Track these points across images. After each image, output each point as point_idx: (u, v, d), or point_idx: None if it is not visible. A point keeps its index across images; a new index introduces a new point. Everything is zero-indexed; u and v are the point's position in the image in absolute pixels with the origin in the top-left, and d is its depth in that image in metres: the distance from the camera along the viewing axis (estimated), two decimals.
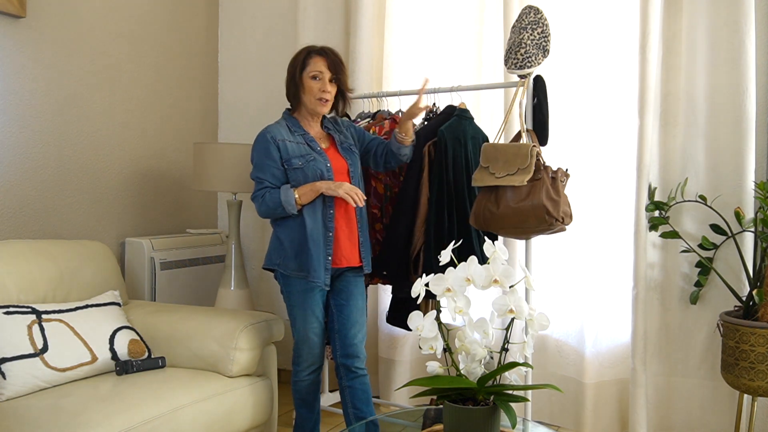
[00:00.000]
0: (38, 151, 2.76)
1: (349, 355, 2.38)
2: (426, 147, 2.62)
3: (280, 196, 2.25)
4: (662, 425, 2.79)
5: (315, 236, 2.28)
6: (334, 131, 2.45)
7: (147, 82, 3.28)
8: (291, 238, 2.31)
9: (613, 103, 2.88)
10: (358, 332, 2.41)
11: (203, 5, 3.66)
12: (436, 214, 2.60)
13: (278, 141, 2.31)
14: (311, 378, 2.44)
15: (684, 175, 2.71)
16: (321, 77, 2.31)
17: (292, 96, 2.39)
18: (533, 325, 1.57)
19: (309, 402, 2.47)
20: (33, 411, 1.86)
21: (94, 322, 2.28)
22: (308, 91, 2.32)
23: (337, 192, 2.24)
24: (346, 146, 2.44)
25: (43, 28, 2.75)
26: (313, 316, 2.35)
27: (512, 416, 1.44)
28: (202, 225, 3.69)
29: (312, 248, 2.27)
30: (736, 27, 2.56)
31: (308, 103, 2.35)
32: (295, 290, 2.34)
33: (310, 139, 2.36)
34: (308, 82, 2.32)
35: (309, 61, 2.33)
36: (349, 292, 2.41)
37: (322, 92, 2.32)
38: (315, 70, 2.31)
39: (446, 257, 1.63)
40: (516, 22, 2.56)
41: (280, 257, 2.34)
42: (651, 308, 2.75)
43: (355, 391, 2.41)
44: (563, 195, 2.40)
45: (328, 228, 2.31)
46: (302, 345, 2.39)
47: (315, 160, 2.31)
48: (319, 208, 2.30)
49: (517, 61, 2.51)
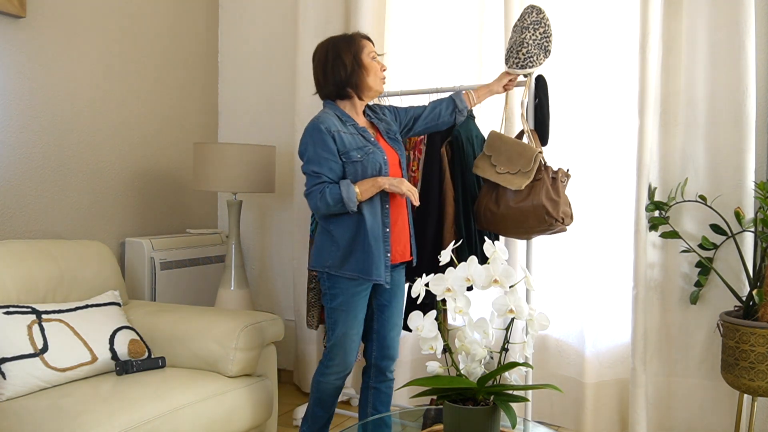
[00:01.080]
0: (38, 151, 2.76)
1: (386, 357, 2.35)
2: (443, 147, 2.62)
3: (341, 192, 2.12)
4: (662, 425, 2.79)
5: (375, 233, 2.19)
6: (376, 120, 2.36)
7: (147, 82, 3.28)
8: (347, 236, 2.20)
9: (613, 103, 2.88)
10: (397, 335, 2.37)
11: (203, 6, 3.66)
12: (464, 214, 2.60)
13: (333, 132, 2.17)
14: (337, 384, 2.34)
15: (684, 175, 2.71)
16: (376, 57, 2.28)
17: (350, 83, 2.25)
18: (533, 325, 1.57)
19: (327, 404, 2.38)
20: (33, 411, 1.86)
21: (94, 322, 2.28)
22: (373, 71, 2.25)
23: (400, 189, 2.15)
24: (392, 135, 2.35)
25: (43, 28, 2.75)
26: (356, 320, 2.26)
27: (512, 416, 1.44)
28: (202, 225, 3.69)
29: (373, 245, 2.17)
30: (736, 27, 2.56)
31: (374, 85, 2.26)
32: (343, 293, 2.23)
33: (362, 130, 2.25)
34: (371, 63, 2.25)
35: (363, 44, 2.26)
36: (392, 293, 2.34)
37: (383, 71, 2.29)
38: (372, 51, 2.27)
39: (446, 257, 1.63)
40: (518, 21, 2.55)
41: (332, 257, 2.22)
42: (651, 308, 2.75)
43: (380, 394, 2.38)
44: (563, 195, 2.40)
45: (385, 224, 2.23)
46: (338, 349, 2.28)
47: (373, 152, 2.21)
48: (378, 203, 2.21)
49: (519, 61, 2.50)
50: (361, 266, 2.19)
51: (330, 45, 2.27)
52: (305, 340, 3.42)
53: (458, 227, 2.60)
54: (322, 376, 2.33)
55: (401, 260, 2.32)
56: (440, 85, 2.77)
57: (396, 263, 2.30)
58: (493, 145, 2.47)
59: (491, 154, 2.45)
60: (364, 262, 2.19)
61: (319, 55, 2.29)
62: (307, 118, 3.35)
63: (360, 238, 2.19)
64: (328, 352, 2.30)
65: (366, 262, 2.19)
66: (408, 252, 2.34)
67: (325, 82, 2.27)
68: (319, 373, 2.34)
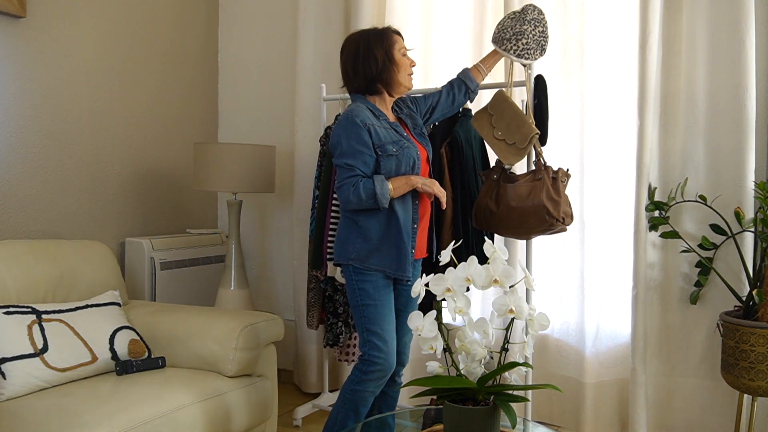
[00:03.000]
0: (38, 151, 2.76)
1: (398, 363, 2.30)
2: (442, 148, 2.62)
3: (375, 187, 2.08)
4: (662, 425, 2.79)
5: (407, 228, 2.17)
6: (403, 115, 2.33)
7: (147, 82, 3.28)
8: (378, 230, 2.15)
9: (613, 104, 2.88)
10: (410, 340, 2.35)
11: (203, 6, 3.66)
12: (462, 215, 2.59)
13: (368, 125, 2.12)
14: (374, 391, 2.19)
15: (684, 175, 2.71)
16: (407, 53, 2.25)
17: (381, 79, 2.21)
18: (533, 325, 1.57)
19: (360, 414, 2.21)
20: (33, 411, 1.86)
21: (94, 322, 2.28)
22: (403, 68, 2.22)
23: (432, 189, 2.15)
24: (419, 131, 2.33)
25: (43, 28, 2.75)
26: (391, 314, 2.18)
27: (512, 416, 1.44)
28: (202, 225, 3.69)
29: (405, 240, 2.15)
30: (736, 27, 2.56)
31: (404, 81, 2.23)
32: (372, 286, 2.15)
33: (394, 125, 2.22)
34: (401, 59, 2.21)
35: (394, 39, 2.22)
36: (408, 296, 2.28)
37: (412, 67, 2.26)
38: (403, 47, 2.24)
39: (446, 257, 1.63)
40: (519, 14, 2.53)
41: (357, 250, 2.16)
42: (651, 308, 2.75)
43: (386, 398, 2.34)
44: (564, 195, 2.40)
45: (414, 220, 2.21)
46: (378, 351, 2.14)
47: (408, 147, 2.18)
48: (410, 200, 2.19)
49: (517, 50, 2.49)
50: (389, 262, 2.16)
51: (362, 38, 2.22)
52: (305, 340, 3.41)
53: (456, 227, 2.60)
54: (359, 384, 2.17)
55: (420, 256, 2.31)
56: (440, 85, 2.77)
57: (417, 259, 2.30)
58: (498, 106, 2.44)
59: (493, 113, 2.43)
60: (394, 257, 2.15)
61: (350, 48, 2.23)
62: (307, 118, 3.36)
63: (391, 234, 2.15)
64: (368, 357, 2.16)
65: (397, 258, 2.15)
66: (425, 248, 2.34)
67: (355, 77, 2.22)
68: (355, 381, 2.18)
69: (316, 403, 3.16)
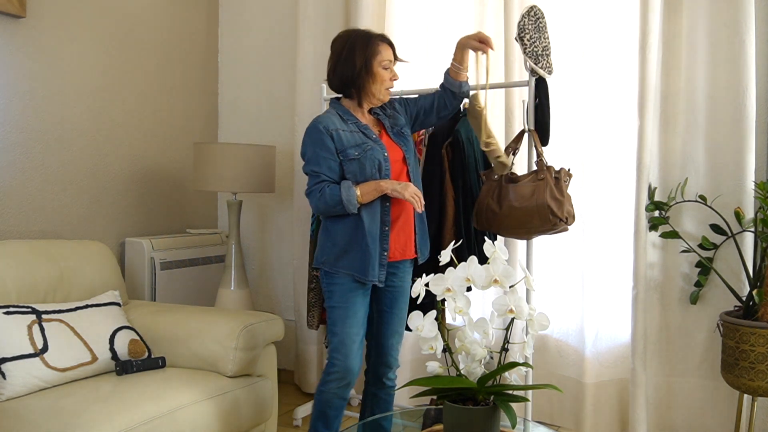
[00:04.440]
0: (38, 150, 2.76)
1: (383, 364, 2.29)
2: (444, 147, 2.62)
3: (341, 194, 2.09)
4: (662, 425, 2.79)
5: (373, 233, 2.14)
6: (383, 116, 2.29)
7: (147, 82, 3.28)
8: (345, 235, 2.16)
9: (613, 103, 2.88)
10: (397, 342, 2.31)
11: (203, 5, 3.66)
12: (464, 214, 2.59)
13: (332, 131, 2.14)
14: (338, 392, 2.21)
15: (684, 175, 2.71)
16: (389, 66, 2.20)
17: (354, 85, 2.19)
18: (533, 325, 1.57)
19: (329, 419, 2.23)
20: (33, 411, 1.86)
21: (94, 322, 2.28)
22: (379, 80, 2.18)
23: (403, 195, 2.10)
24: (397, 131, 2.28)
25: (43, 28, 2.75)
26: (355, 319, 2.18)
27: (512, 416, 1.44)
28: (202, 225, 3.69)
29: (370, 245, 2.13)
30: (736, 27, 2.56)
31: (377, 93, 2.20)
32: (339, 289, 2.18)
33: (363, 127, 2.20)
34: (380, 72, 2.17)
35: (380, 49, 2.17)
36: (393, 299, 2.27)
37: (391, 81, 2.21)
38: (386, 59, 2.18)
39: (446, 257, 1.63)
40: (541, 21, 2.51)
41: (328, 254, 2.19)
42: (651, 308, 2.75)
43: (378, 401, 2.33)
44: (567, 195, 2.40)
45: (384, 222, 2.17)
46: (336, 354, 2.18)
47: (372, 149, 2.15)
48: (378, 204, 2.17)
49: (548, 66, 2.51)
50: (356, 265, 2.15)
51: (348, 39, 2.20)
52: (305, 340, 3.41)
53: (458, 227, 2.60)
54: (323, 385, 2.22)
55: (401, 257, 2.25)
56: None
57: (396, 260, 2.24)
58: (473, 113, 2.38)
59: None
60: (359, 261, 2.15)
61: (336, 46, 2.22)
62: (307, 118, 3.35)
63: (357, 238, 2.15)
64: (330, 357, 2.22)
65: (362, 262, 2.15)
66: (412, 249, 2.28)
67: (334, 76, 2.22)
68: (321, 381, 2.24)
69: None
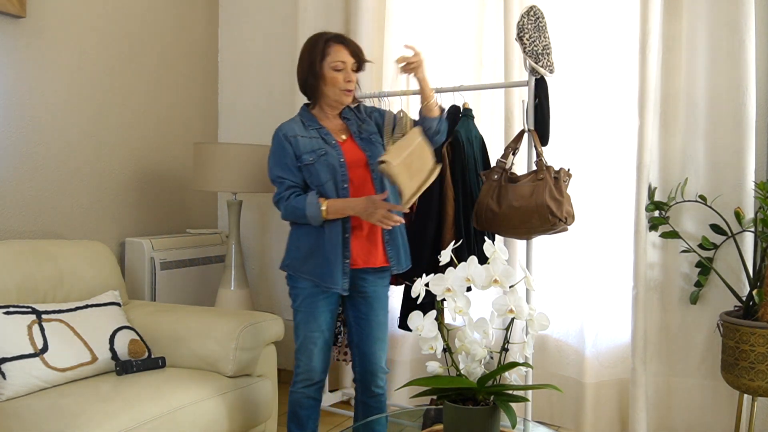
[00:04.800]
0: (38, 151, 2.75)
1: (367, 372, 2.24)
2: (444, 147, 2.62)
3: (306, 209, 2.08)
4: (662, 425, 2.79)
5: (333, 240, 2.11)
6: (353, 121, 2.24)
7: (147, 83, 3.28)
8: (308, 241, 2.15)
9: (613, 104, 2.88)
10: (379, 349, 2.23)
11: (203, 5, 3.66)
12: (464, 214, 2.59)
13: (290, 137, 2.15)
14: (306, 392, 2.22)
15: (684, 175, 2.71)
16: (344, 67, 2.12)
17: (310, 89, 2.19)
18: (533, 325, 1.57)
19: (301, 419, 2.24)
20: (33, 411, 1.86)
21: (94, 322, 2.28)
22: (331, 83, 2.13)
23: (369, 220, 2.05)
24: (365, 136, 2.22)
25: (43, 28, 2.75)
26: (315, 323, 2.17)
27: (512, 416, 1.44)
28: (202, 225, 3.69)
29: (331, 253, 2.11)
30: (736, 27, 2.56)
31: (332, 95, 2.16)
32: (302, 293, 2.17)
33: (325, 133, 2.17)
34: (330, 74, 2.12)
35: (329, 51, 2.12)
36: (368, 305, 2.22)
37: (347, 83, 2.14)
38: (337, 60, 2.12)
39: (446, 257, 1.63)
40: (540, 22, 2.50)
41: (291, 257, 2.19)
42: (651, 308, 2.75)
43: (369, 409, 2.28)
44: (566, 195, 2.40)
45: (345, 229, 2.12)
46: (300, 355, 2.20)
47: (326, 154, 2.12)
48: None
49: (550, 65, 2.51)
50: (318, 272, 2.13)
51: (308, 42, 2.19)
52: None
53: (458, 227, 2.60)
54: (292, 386, 2.24)
55: (364, 265, 2.16)
56: (440, 85, 2.77)
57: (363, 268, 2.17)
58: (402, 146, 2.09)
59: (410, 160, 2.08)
60: (320, 268, 2.13)
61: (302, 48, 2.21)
62: None
63: (319, 244, 2.13)
64: (295, 359, 2.23)
65: (322, 268, 2.12)
66: (379, 257, 2.19)
67: (298, 80, 2.22)
68: (291, 383, 2.26)
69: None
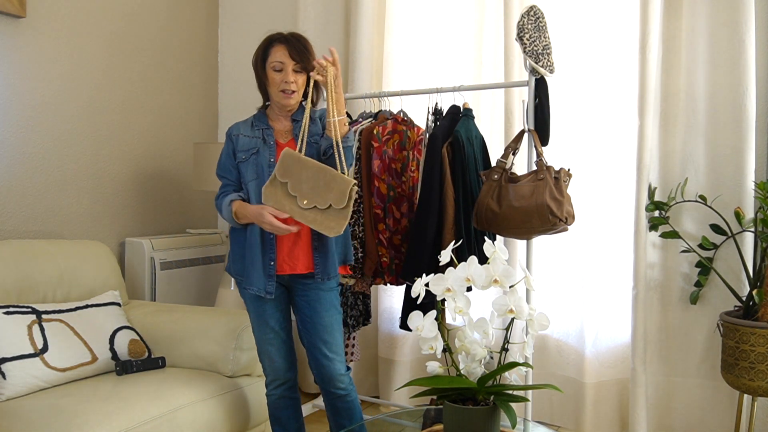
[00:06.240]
0: (38, 150, 2.76)
1: (323, 377, 2.17)
2: (444, 148, 2.62)
3: (223, 211, 2.14)
4: (662, 425, 2.79)
5: (254, 243, 2.09)
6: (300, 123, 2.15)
7: (147, 83, 3.28)
8: (239, 244, 2.16)
9: (613, 103, 2.88)
10: (329, 351, 2.15)
11: (203, 5, 3.66)
12: (464, 214, 2.59)
13: (233, 136, 2.17)
14: (278, 393, 2.23)
15: (684, 175, 2.71)
16: (283, 68, 2.08)
17: (261, 89, 2.21)
18: (533, 325, 1.57)
19: (282, 421, 2.25)
20: (33, 411, 1.86)
21: (94, 322, 2.28)
22: (272, 83, 2.11)
23: (264, 227, 2.04)
24: (310, 138, 2.14)
25: (43, 28, 2.75)
26: (267, 325, 2.17)
27: (512, 416, 1.44)
28: (202, 225, 3.69)
29: (251, 255, 2.09)
30: (736, 27, 2.56)
31: (274, 96, 2.14)
32: (248, 295, 2.17)
33: (268, 133, 2.16)
34: (271, 74, 2.10)
35: (270, 51, 2.11)
36: (311, 308, 2.15)
37: (285, 84, 2.09)
38: (275, 60, 2.09)
39: (446, 257, 1.63)
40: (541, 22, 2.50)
41: (231, 261, 2.21)
42: (651, 308, 2.75)
43: (337, 410, 2.22)
44: (567, 195, 2.40)
45: (265, 232, 2.09)
46: (261, 357, 2.22)
47: (258, 154, 2.12)
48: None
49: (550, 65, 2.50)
50: (244, 274, 2.14)
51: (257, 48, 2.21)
52: None
53: (458, 227, 2.60)
54: (267, 389, 2.26)
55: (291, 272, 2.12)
56: (440, 85, 2.77)
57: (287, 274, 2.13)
58: (289, 169, 2.03)
59: (287, 180, 2.02)
60: (245, 270, 2.13)
61: None
62: None
63: (247, 245, 2.12)
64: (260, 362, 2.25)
65: (246, 270, 2.13)
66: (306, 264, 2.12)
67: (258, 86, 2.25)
68: (266, 387, 2.27)
69: (316, 404, 3.16)
